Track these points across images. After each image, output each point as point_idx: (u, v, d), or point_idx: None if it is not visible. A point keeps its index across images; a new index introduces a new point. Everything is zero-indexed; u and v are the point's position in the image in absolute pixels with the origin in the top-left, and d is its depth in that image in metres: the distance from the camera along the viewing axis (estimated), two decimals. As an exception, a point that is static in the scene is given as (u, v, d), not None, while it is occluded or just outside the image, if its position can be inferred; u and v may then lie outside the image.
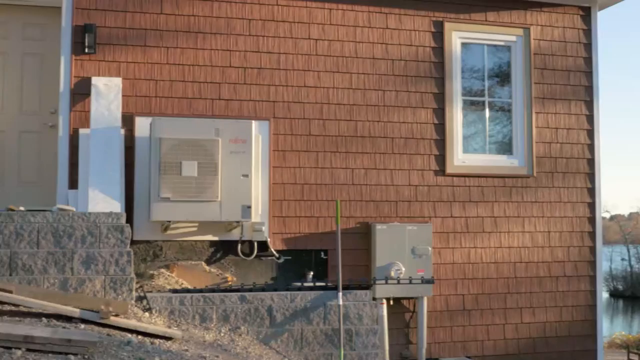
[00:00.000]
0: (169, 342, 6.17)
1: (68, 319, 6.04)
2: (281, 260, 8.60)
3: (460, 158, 9.35)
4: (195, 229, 8.29)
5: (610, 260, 54.53)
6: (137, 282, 7.51)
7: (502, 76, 9.82)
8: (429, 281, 8.77)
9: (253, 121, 8.31)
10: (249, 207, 8.07)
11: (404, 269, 8.70)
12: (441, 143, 9.26)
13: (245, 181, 8.08)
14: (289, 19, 8.87)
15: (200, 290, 7.77)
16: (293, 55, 8.85)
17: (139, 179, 8.16)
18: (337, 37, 9.00)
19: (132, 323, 6.25)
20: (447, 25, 9.37)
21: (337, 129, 8.91)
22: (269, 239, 8.47)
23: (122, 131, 8.06)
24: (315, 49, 8.92)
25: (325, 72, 8.92)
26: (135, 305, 7.06)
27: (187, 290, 7.76)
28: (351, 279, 8.48)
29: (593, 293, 9.82)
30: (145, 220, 8.09)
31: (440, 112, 9.29)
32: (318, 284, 8.29)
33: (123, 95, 8.22)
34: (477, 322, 9.25)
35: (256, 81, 8.70)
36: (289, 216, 8.66)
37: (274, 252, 8.53)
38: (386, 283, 8.62)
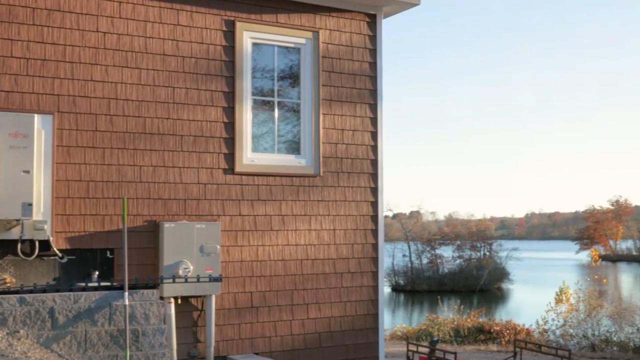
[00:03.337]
0: (-62, 348, 5.79)
1: None
2: (64, 260, 8.30)
3: (249, 157, 9.45)
4: (-30, 227, 7.82)
5: (393, 256, 57.26)
6: None
7: (293, 77, 10.02)
8: (217, 279, 8.80)
9: (36, 115, 7.98)
10: (30, 204, 7.74)
11: (192, 267, 8.67)
12: (231, 142, 9.31)
13: (26, 177, 7.74)
14: (76, 10, 8.56)
15: (-25, 293, 7.35)
16: (80, 48, 8.55)
17: None
18: (126, 31, 8.81)
19: None
20: (239, 25, 9.43)
21: (125, 125, 8.72)
22: (51, 238, 8.15)
23: None
24: (103, 43, 8.67)
25: (113, 66, 8.70)
26: None
27: (-40, 293, 7.32)
28: (138, 278, 8.34)
29: (375, 288, 10.25)
30: None
31: (230, 111, 9.34)
32: (103, 283, 8.08)
33: None
34: (265, 319, 9.39)
35: (40, 73, 8.33)
36: (73, 214, 8.37)
37: (57, 252, 8.22)
38: (174, 282, 8.55)
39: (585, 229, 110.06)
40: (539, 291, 43.77)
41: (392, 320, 32.51)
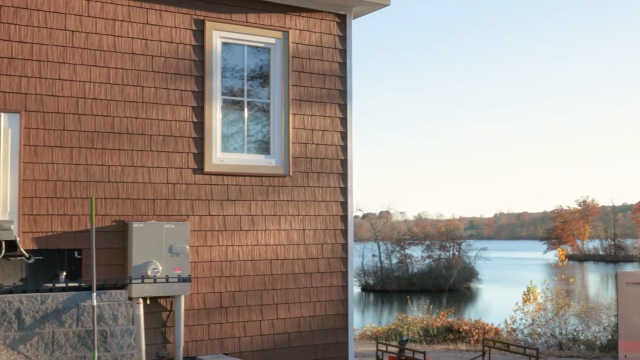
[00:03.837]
0: None
1: None
2: (31, 261, 8.22)
3: (219, 157, 9.42)
4: None
5: (362, 256, 57.42)
6: None
7: (263, 77, 10.00)
8: (186, 279, 8.76)
9: (2, 114, 7.90)
10: (-3, 204, 7.65)
11: (161, 267, 8.63)
12: (200, 141, 9.27)
13: (-8, 177, 7.65)
14: (44, 8, 8.48)
15: (-60, 294, 7.25)
16: (47, 46, 8.47)
17: None
18: (95, 29, 8.74)
19: None
20: (208, 24, 9.40)
21: (94, 125, 8.65)
22: (18, 238, 8.05)
23: None
24: (71, 41, 8.60)
25: (81, 65, 8.63)
26: None
27: None
28: (106, 279, 8.27)
29: (345, 288, 10.26)
30: None
31: (199, 111, 9.30)
32: (71, 284, 8.01)
33: None
34: (234, 319, 9.37)
35: (6, 71, 8.24)
36: (40, 214, 8.29)
37: (24, 252, 8.13)
38: (142, 282, 8.50)
39: (552, 229, 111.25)
40: (507, 291, 44.06)
41: (361, 320, 32.59)
